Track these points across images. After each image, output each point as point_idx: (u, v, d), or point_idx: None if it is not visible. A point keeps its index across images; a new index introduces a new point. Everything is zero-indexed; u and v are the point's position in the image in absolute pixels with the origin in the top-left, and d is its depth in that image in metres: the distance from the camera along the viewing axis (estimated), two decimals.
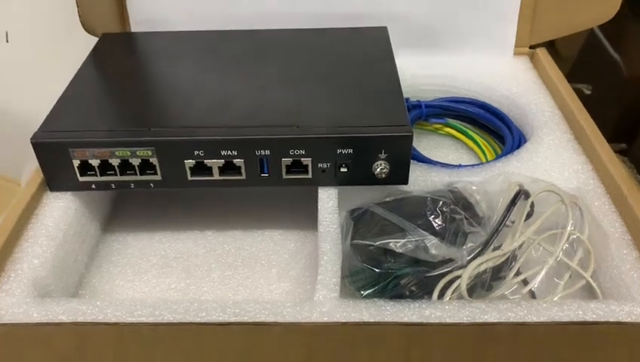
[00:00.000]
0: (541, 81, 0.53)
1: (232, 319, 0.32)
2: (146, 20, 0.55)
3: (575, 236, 0.39)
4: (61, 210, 0.40)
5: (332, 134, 0.39)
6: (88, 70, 0.47)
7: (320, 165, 0.40)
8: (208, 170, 0.40)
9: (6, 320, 0.33)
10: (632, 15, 0.67)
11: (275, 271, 0.43)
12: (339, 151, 0.39)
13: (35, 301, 0.34)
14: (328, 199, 0.41)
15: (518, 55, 0.57)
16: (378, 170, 0.40)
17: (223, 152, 0.39)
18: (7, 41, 0.66)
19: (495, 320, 0.32)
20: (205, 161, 0.40)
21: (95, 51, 0.50)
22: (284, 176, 0.41)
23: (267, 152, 0.39)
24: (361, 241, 0.37)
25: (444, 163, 0.47)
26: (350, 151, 0.39)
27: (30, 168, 0.47)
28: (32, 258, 0.37)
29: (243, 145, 0.39)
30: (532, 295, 0.37)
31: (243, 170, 0.40)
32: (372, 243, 0.36)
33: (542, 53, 0.56)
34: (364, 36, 0.51)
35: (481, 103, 0.54)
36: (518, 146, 0.48)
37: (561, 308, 0.33)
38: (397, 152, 0.39)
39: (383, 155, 0.39)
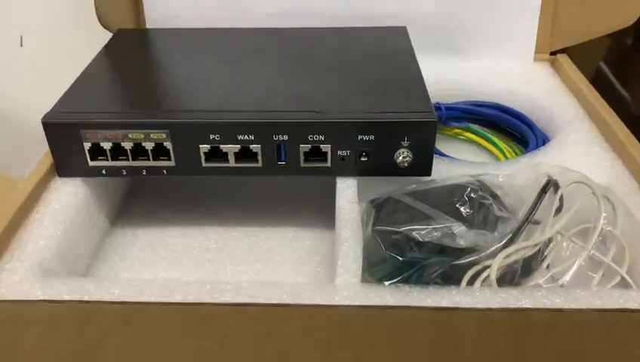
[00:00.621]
0: (564, 85, 0.52)
1: (248, 300, 0.30)
2: (163, 18, 0.54)
3: (608, 230, 0.37)
4: (69, 195, 0.39)
5: (353, 119, 0.38)
6: (101, 60, 0.46)
7: (340, 152, 0.38)
8: (224, 156, 0.39)
9: (8, 298, 0.31)
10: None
11: (289, 266, 0.41)
12: (360, 137, 0.38)
13: (38, 279, 0.32)
14: (347, 188, 0.39)
15: (539, 61, 0.56)
16: (400, 158, 0.38)
17: (240, 137, 0.38)
18: (21, 45, 0.66)
19: (530, 306, 0.30)
20: (221, 145, 0.38)
21: (110, 43, 0.49)
22: (302, 165, 0.39)
23: (285, 137, 0.38)
24: (384, 227, 0.35)
25: (466, 160, 0.45)
26: (372, 137, 0.38)
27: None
28: (37, 239, 0.35)
29: (260, 129, 0.38)
30: None
31: (259, 157, 0.39)
32: (396, 229, 0.35)
33: (563, 59, 0.55)
34: (383, 34, 0.50)
35: (503, 106, 0.52)
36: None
37: (600, 296, 0.31)
38: (420, 140, 0.38)
39: (405, 143, 0.38)
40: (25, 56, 0.66)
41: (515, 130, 0.51)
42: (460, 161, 0.43)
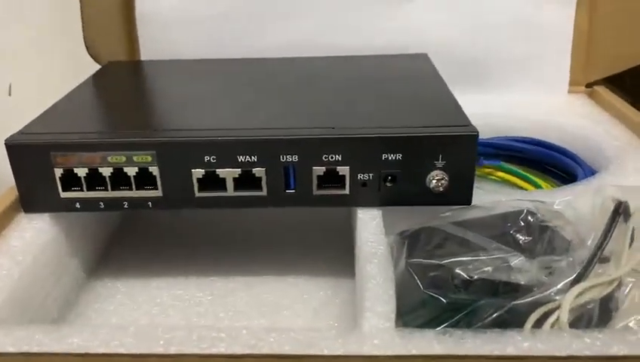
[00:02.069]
0: (606, 113, 0.47)
1: (247, 351, 0.23)
2: (158, 51, 0.49)
3: None
4: (34, 231, 0.32)
5: (376, 134, 0.31)
6: (85, 87, 0.41)
7: (360, 176, 0.32)
8: (221, 183, 0.32)
9: None
10: None
11: (300, 322, 0.33)
12: (384, 156, 0.31)
13: None
14: (370, 219, 0.32)
15: (573, 93, 0.51)
16: (434, 182, 0.32)
17: (240, 158, 0.31)
18: (9, 95, 0.61)
19: (626, 353, 0.22)
20: (217, 170, 0.32)
21: (97, 74, 0.44)
22: (315, 192, 0.32)
23: (295, 158, 0.31)
24: (421, 260, 0.28)
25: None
26: (399, 156, 0.31)
27: None
28: None
29: (264, 147, 0.31)
30: None
31: (264, 183, 0.32)
32: (437, 262, 0.27)
33: (602, 90, 0.50)
34: (405, 60, 0.45)
35: (541, 141, 0.46)
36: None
37: None
38: (458, 158, 0.31)
39: (440, 163, 0.31)
40: (12, 105, 0.62)
41: (558, 165, 0.45)
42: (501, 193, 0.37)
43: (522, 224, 0.28)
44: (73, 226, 0.35)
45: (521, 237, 0.28)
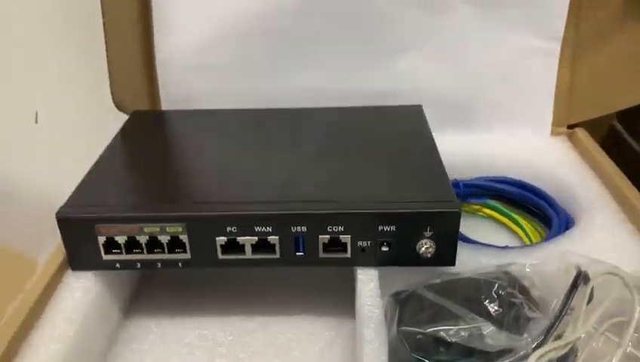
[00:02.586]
0: (583, 160, 0.51)
1: None
2: (177, 99, 0.54)
3: None
4: (81, 291, 0.38)
5: (373, 210, 0.37)
6: (117, 146, 0.46)
7: (360, 243, 0.37)
8: (240, 248, 0.38)
9: None
10: None
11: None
12: (380, 228, 0.37)
13: None
14: (369, 281, 0.38)
15: (556, 135, 0.56)
16: (423, 249, 0.37)
17: (257, 228, 0.37)
18: (36, 122, 0.66)
19: None
20: (238, 238, 0.37)
21: (124, 128, 0.49)
22: (321, 255, 0.38)
23: (304, 229, 0.37)
24: (409, 328, 0.34)
25: (489, 244, 0.44)
26: (393, 228, 0.37)
27: (48, 246, 0.45)
28: (48, 342, 0.34)
29: (278, 221, 0.37)
30: None
31: (277, 248, 0.38)
32: (422, 330, 0.33)
33: (581, 133, 0.54)
34: (399, 114, 0.50)
35: (523, 183, 0.51)
36: (566, 227, 0.45)
37: None
38: (444, 230, 0.37)
39: (428, 233, 0.37)
40: (39, 133, 0.67)
41: (537, 208, 0.50)
42: (483, 247, 0.42)
43: (494, 296, 0.34)
44: (113, 280, 0.41)
45: (492, 308, 0.33)
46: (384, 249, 0.38)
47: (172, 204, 0.38)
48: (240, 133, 0.48)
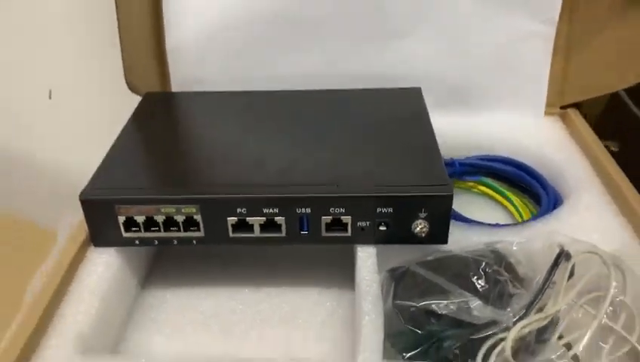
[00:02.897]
0: (574, 141, 0.54)
1: None
2: (186, 81, 0.56)
3: (618, 299, 0.39)
4: (104, 266, 0.41)
5: (372, 193, 0.40)
6: (131, 129, 0.49)
7: (359, 223, 0.40)
8: (249, 228, 0.41)
9: None
10: None
11: (312, 331, 0.43)
12: (378, 210, 0.40)
13: (80, 357, 0.34)
14: (367, 258, 0.41)
15: (549, 115, 0.58)
16: (417, 229, 0.40)
17: (265, 210, 0.40)
18: (49, 98, 0.69)
19: None
20: (247, 218, 0.40)
21: (138, 110, 0.52)
22: (324, 234, 0.41)
23: (308, 210, 0.40)
24: (403, 302, 0.37)
25: (481, 221, 0.47)
26: (390, 210, 0.40)
27: (67, 220, 0.48)
28: (76, 314, 0.37)
29: (284, 203, 0.40)
30: (577, 359, 0.37)
31: (283, 228, 0.41)
32: (414, 304, 0.36)
33: (573, 114, 0.57)
34: (399, 97, 0.52)
35: (515, 162, 0.54)
36: (554, 205, 0.48)
37: None
38: (437, 211, 0.40)
39: (422, 214, 0.40)
40: (53, 109, 0.69)
41: (528, 185, 0.53)
42: (475, 225, 0.45)
43: (482, 273, 0.37)
44: (132, 255, 0.44)
45: (479, 284, 0.37)
46: (382, 228, 0.41)
47: (187, 186, 0.41)
48: (245, 116, 0.51)
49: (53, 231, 0.57)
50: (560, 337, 0.37)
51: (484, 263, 0.37)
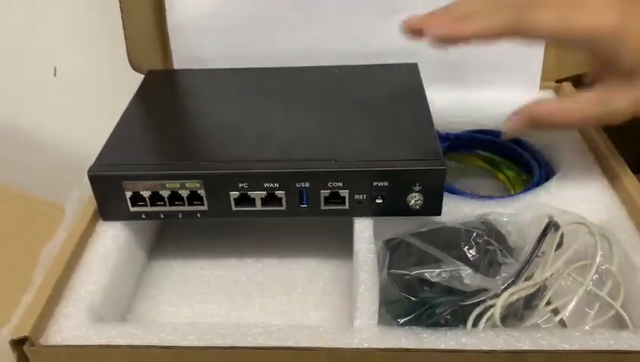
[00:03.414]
0: None
1: (279, 344, 0.34)
2: (188, 58, 0.58)
3: (604, 267, 0.40)
4: (112, 239, 0.43)
5: (368, 168, 0.41)
6: (136, 106, 0.50)
7: (356, 197, 0.42)
8: (251, 201, 0.42)
9: (67, 342, 0.35)
10: None
11: (311, 299, 0.45)
12: (375, 183, 0.41)
13: (93, 325, 0.37)
14: (364, 229, 0.43)
15: (544, 89, 0.59)
16: (412, 201, 0.42)
17: (266, 184, 0.42)
18: (55, 75, 0.70)
19: (529, 348, 0.34)
20: (249, 192, 0.42)
21: (142, 88, 0.53)
22: (322, 207, 0.43)
23: (307, 184, 0.42)
24: (397, 271, 0.39)
25: (474, 194, 0.48)
26: (385, 183, 0.41)
27: (74, 195, 0.50)
28: (87, 284, 0.39)
29: (284, 178, 0.41)
30: (563, 324, 0.39)
31: (284, 201, 0.42)
32: (408, 272, 0.38)
33: (567, 87, 0.58)
34: (395, 72, 0.54)
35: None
36: (547, 178, 0.50)
37: (593, 337, 0.34)
38: (430, 185, 0.41)
39: (417, 188, 0.41)
40: (58, 86, 0.71)
41: (521, 158, 0.54)
42: (468, 197, 0.47)
43: (473, 243, 0.39)
44: (139, 228, 0.46)
45: (470, 253, 0.38)
46: (378, 201, 0.42)
47: (191, 161, 0.43)
48: (246, 92, 0.52)
49: (59, 206, 0.59)
50: (547, 304, 0.39)
51: (474, 234, 0.39)
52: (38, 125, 0.73)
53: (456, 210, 0.44)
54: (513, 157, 0.55)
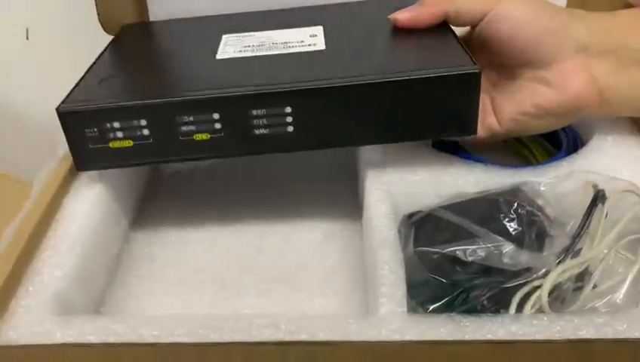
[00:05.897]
0: None
1: (289, 338, 0.28)
2: (166, 16, 0.51)
3: None
4: (83, 215, 0.36)
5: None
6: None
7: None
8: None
9: (25, 341, 0.28)
10: None
11: (316, 283, 0.39)
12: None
13: (58, 318, 0.30)
14: (380, 203, 0.36)
15: None
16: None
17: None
18: (27, 39, 0.63)
19: (592, 336, 0.28)
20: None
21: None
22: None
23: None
24: (425, 248, 0.33)
25: (503, 164, 0.43)
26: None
27: (45, 170, 0.43)
28: (52, 269, 0.33)
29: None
30: (615, 306, 0.33)
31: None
32: (438, 250, 0.32)
33: None
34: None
35: None
36: (575, 145, 0.44)
37: None
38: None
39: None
40: (30, 50, 0.64)
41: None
42: (494, 166, 0.41)
43: (514, 215, 0.33)
44: (116, 198, 0.40)
45: (511, 226, 0.33)
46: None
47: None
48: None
49: (30, 183, 0.52)
50: (594, 286, 0.34)
51: (516, 203, 0.33)
52: (6, 94, 0.66)
53: (484, 180, 0.39)
54: None
